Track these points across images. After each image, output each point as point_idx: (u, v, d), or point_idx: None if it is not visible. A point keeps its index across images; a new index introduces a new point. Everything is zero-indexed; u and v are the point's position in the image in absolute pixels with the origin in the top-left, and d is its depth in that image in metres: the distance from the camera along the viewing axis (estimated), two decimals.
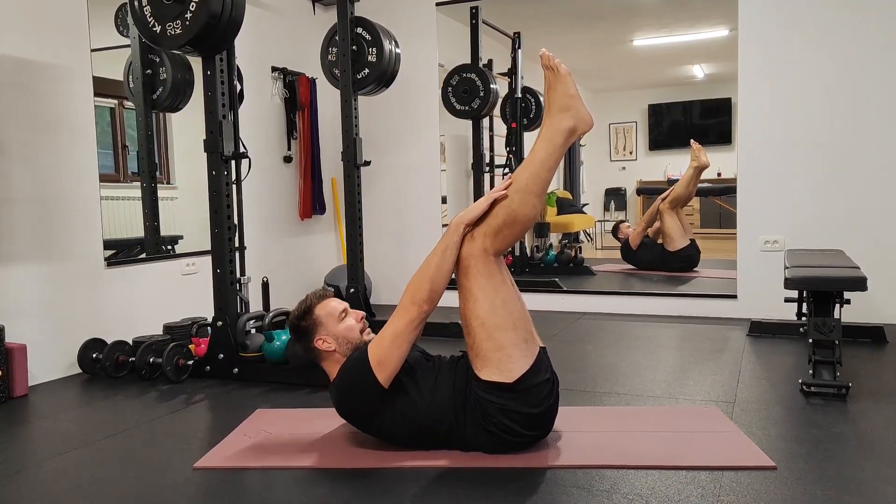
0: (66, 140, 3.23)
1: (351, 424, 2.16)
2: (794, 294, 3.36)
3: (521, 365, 1.98)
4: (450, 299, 2.04)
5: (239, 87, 3.33)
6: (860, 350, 3.30)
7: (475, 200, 4.99)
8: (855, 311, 3.16)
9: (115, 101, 3.64)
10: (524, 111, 5.58)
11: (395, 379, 2.00)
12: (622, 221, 6.24)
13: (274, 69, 4.59)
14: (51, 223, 3.16)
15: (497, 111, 5.45)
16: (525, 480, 1.88)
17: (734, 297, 4.17)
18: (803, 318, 3.35)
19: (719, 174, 6.82)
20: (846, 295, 2.78)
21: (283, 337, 3.00)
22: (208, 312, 3.21)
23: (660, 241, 5.75)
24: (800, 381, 2.66)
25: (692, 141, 5.60)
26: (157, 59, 3.70)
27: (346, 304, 2.22)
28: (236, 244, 3.17)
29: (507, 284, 2.04)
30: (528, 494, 1.79)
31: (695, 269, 5.57)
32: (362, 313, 2.24)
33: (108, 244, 3.41)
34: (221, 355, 3.05)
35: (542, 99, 5.98)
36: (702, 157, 5.55)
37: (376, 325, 2.17)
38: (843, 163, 3.88)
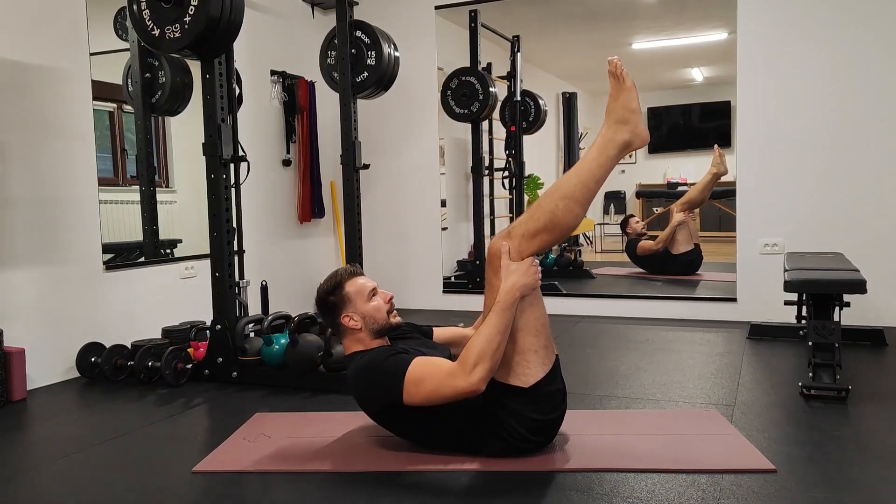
0: (65, 143, 3.22)
1: (360, 407, 2.13)
2: (794, 297, 3.36)
3: (538, 371, 1.97)
4: (458, 302, 2.02)
5: (238, 91, 3.33)
6: (860, 353, 3.29)
7: (475, 204, 5.06)
8: (854, 313, 3.16)
9: (114, 105, 3.64)
10: (523, 114, 5.58)
11: None
12: (631, 216, 6.22)
13: (273, 73, 4.59)
14: (50, 226, 3.15)
15: (496, 114, 5.46)
16: (525, 484, 1.87)
17: (734, 300, 4.17)
18: (803, 321, 3.35)
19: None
20: (846, 297, 2.78)
21: (282, 340, 3.00)
22: (207, 316, 3.21)
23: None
24: (800, 383, 2.65)
25: (716, 146, 5.58)
26: (156, 63, 3.70)
27: (375, 283, 2.17)
28: (235, 248, 3.17)
29: (535, 289, 2.00)
30: (528, 498, 1.79)
31: (696, 272, 5.57)
32: (390, 294, 2.19)
33: (106, 248, 3.41)
34: (220, 359, 3.05)
35: (540, 102, 5.99)
36: (723, 165, 5.54)
37: None
38: (842, 165, 3.88)
